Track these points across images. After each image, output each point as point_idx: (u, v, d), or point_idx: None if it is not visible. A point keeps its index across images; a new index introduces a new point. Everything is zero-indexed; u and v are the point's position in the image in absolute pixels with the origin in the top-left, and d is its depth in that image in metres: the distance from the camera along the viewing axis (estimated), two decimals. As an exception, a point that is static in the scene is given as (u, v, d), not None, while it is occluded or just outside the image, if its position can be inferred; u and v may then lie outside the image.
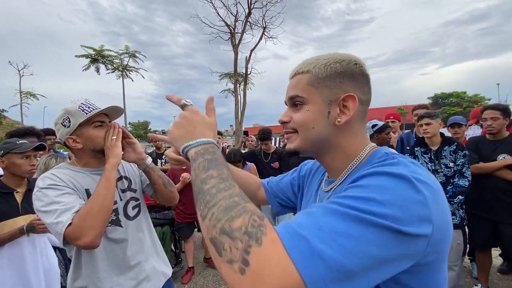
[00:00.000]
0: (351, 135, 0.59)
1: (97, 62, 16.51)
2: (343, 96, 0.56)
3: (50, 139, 3.14)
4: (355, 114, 0.57)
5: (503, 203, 2.22)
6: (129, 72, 17.88)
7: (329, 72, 0.57)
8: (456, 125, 2.93)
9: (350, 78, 0.57)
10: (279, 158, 3.21)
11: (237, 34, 9.56)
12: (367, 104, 0.61)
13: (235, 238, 0.38)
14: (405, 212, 0.40)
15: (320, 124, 0.58)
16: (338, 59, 0.58)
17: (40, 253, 1.61)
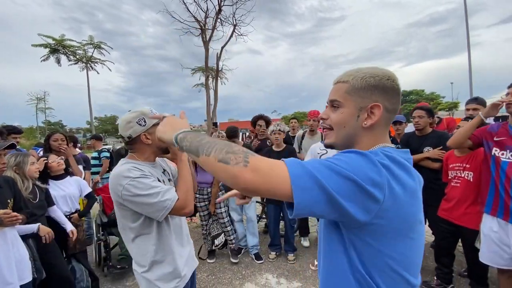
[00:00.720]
0: (373, 136, 0.75)
1: (58, 53, 15.34)
2: (372, 104, 0.72)
3: (16, 138, 3.11)
4: (379, 120, 0.73)
5: (430, 190, 2.67)
6: (94, 64, 16.96)
7: (364, 84, 0.73)
8: (398, 123, 3.38)
9: (381, 91, 0.73)
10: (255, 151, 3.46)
11: (207, 30, 9.55)
12: (394, 113, 0.76)
13: (236, 153, 0.61)
14: (362, 173, 0.59)
15: (350, 124, 0.75)
16: (373, 74, 0.73)
17: (12, 245, 1.70)
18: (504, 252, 1.88)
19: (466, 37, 17.44)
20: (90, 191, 2.83)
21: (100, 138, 4.99)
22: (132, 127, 1.28)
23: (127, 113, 1.31)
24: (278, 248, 3.37)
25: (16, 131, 3.03)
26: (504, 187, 1.86)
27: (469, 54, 17.86)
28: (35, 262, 1.96)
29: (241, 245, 3.51)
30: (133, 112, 1.30)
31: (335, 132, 0.78)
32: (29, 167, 2.16)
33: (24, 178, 2.14)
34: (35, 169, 2.20)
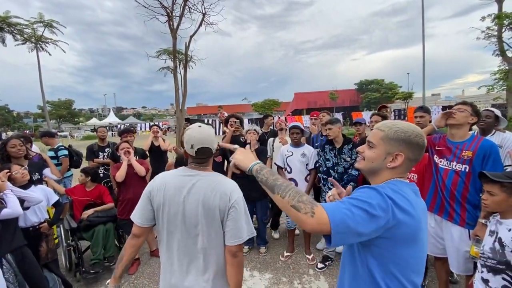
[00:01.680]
0: (392, 174, 0.98)
1: (2, 31, 13.25)
2: (397, 153, 0.95)
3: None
4: (400, 165, 0.96)
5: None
6: (45, 44, 15.16)
7: (396, 136, 0.96)
8: (358, 124, 3.71)
9: (408, 145, 0.95)
10: (222, 153, 3.56)
11: (175, 17, 9.01)
12: (415, 161, 0.98)
13: (305, 203, 0.83)
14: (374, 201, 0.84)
15: (377, 162, 0.99)
16: (405, 130, 0.96)
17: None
18: (439, 243, 2.28)
19: (422, 28, 18.72)
20: (57, 199, 2.74)
21: (53, 134, 4.58)
22: (216, 141, 1.39)
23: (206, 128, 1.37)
24: (251, 242, 3.60)
25: None
26: (441, 188, 2.23)
27: (424, 46, 19.20)
28: (16, 277, 1.94)
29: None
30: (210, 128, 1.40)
31: (365, 162, 1.03)
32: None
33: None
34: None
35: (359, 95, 41.20)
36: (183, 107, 9.73)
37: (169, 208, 1.30)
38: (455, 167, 2.12)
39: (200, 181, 1.31)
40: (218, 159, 3.52)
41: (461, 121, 2.10)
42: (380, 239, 0.88)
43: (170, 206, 1.30)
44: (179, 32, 9.42)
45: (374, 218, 0.83)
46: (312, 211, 0.82)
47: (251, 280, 2.97)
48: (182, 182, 1.31)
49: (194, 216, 1.28)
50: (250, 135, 3.41)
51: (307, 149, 3.29)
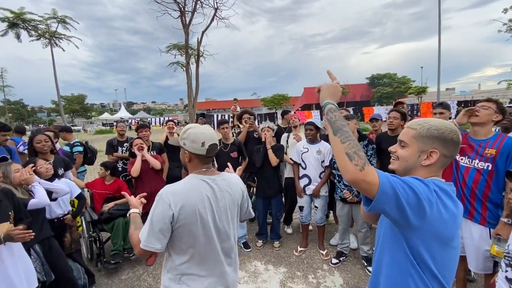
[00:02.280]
0: (428, 172, 0.98)
1: (17, 27, 13.65)
2: (431, 150, 0.95)
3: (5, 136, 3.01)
4: (435, 162, 0.96)
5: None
6: (58, 40, 15.47)
7: (429, 134, 0.96)
8: (374, 120, 3.66)
9: (442, 141, 0.95)
10: (238, 148, 3.60)
11: (187, 13, 8.99)
12: (450, 158, 0.98)
13: (361, 157, 0.84)
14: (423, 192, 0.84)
15: (411, 160, 0.99)
16: (438, 127, 0.96)
17: (18, 256, 1.76)
18: (457, 241, 2.26)
19: (438, 20, 18.02)
20: (80, 192, 2.85)
21: (70, 130, 4.75)
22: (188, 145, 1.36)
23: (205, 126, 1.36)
24: (265, 237, 3.65)
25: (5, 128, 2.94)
26: (461, 186, 2.20)
27: (439, 38, 18.52)
28: (43, 266, 2.05)
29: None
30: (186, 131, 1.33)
31: (399, 162, 1.04)
32: (13, 174, 2.13)
33: (16, 186, 2.14)
34: (19, 176, 2.16)
35: (370, 90, 40.46)
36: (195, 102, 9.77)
37: (202, 223, 1.24)
38: (477, 165, 2.09)
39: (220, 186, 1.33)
40: (234, 155, 3.56)
41: (484, 119, 2.05)
42: (419, 230, 0.88)
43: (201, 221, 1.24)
44: (191, 28, 9.41)
45: (420, 202, 0.83)
46: (363, 166, 0.83)
47: (266, 273, 3.02)
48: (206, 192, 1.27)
49: (226, 221, 1.33)
50: (265, 133, 3.43)
51: (323, 146, 3.29)
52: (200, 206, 1.23)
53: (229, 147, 3.57)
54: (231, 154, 3.53)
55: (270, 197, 3.48)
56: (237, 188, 1.40)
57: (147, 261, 3.31)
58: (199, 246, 1.26)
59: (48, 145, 2.86)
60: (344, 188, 3.00)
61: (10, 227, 1.67)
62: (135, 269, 3.21)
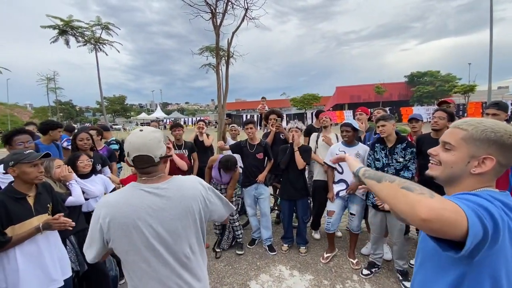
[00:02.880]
0: (478, 182, 0.82)
1: (66, 34, 15.09)
2: (485, 156, 0.79)
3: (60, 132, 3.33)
4: (489, 170, 0.79)
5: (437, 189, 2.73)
6: (102, 45, 16.79)
7: (483, 136, 0.79)
8: (414, 120, 3.35)
9: (499, 147, 0.78)
10: (264, 149, 3.54)
11: (218, 14, 9.13)
12: (505, 168, 0.81)
13: (421, 187, 0.71)
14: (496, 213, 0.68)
15: (458, 167, 0.83)
16: (495, 130, 0.79)
17: (54, 246, 1.88)
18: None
19: (490, 11, 16.18)
20: (113, 187, 2.98)
21: (108, 128, 5.04)
22: (162, 147, 1.21)
23: (149, 131, 1.20)
24: (291, 241, 3.54)
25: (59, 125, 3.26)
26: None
27: (491, 31, 16.60)
28: (77, 257, 2.17)
29: (255, 236, 3.70)
30: (156, 131, 1.22)
31: (442, 168, 0.88)
32: (55, 170, 2.28)
33: (55, 181, 2.29)
34: (60, 172, 2.30)
35: (409, 89, 37.88)
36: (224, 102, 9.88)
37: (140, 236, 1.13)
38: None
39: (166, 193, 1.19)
40: (259, 156, 3.50)
41: None
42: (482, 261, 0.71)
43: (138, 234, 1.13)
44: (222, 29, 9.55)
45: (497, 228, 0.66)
46: (430, 193, 0.68)
47: (291, 279, 2.91)
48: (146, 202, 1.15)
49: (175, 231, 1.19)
50: (292, 133, 3.31)
51: (362, 149, 3.07)
52: (136, 218, 1.12)
53: (255, 148, 3.52)
54: (257, 155, 3.48)
55: (295, 199, 3.36)
56: (191, 192, 1.24)
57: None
58: (144, 262, 1.15)
59: (89, 143, 3.05)
60: (378, 194, 2.78)
61: (49, 218, 1.79)
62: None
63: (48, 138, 3.37)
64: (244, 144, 3.58)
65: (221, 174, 3.34)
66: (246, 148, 3.53)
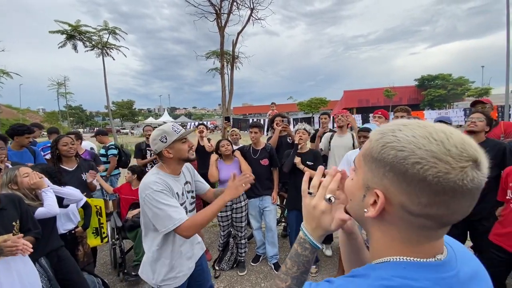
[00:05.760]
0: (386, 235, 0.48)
1: (74, 39, 15.20)
2: (376, 190, 0.46)
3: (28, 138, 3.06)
4: (388, 217, 0.46)
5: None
6: (109, 50, 16.81)
7: (380, 156, 0.45)
8: (443, 123, 2.96)
9: (398, 175, 0.43)
10: (269, 155, 3.19)
11: (223, 15, 8.98)
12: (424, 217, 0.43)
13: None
14: None
15: (356, 202, 0.52)
16: (401, 145, 0.42)
17: (17, 275, 1.56)
18: None
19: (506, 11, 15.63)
20: (85, 201, 2.59)
21: (106, 133, 4.88)
22: (156, 144, 1.55)
23: (155, 130, 1.59)
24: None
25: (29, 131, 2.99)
26: None
27: (508, 32, 15.96)
28: (50, 282, 1.86)
29: (259, 252, 3.34)
30: (157, 130, 1.57)
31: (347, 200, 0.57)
32: (21, 179, 1.95)
33: (25, 192, 1.97)
34: (28, 181, 1.95)
35: (420, 92, 36.96)
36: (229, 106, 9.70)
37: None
38: None
39: None
40: (264, 162, 3.15)
41: None
42: None
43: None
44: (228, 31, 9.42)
45: None
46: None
47: (300, 306, 2.54)
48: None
49: None
50: (300, 135, 2.95)
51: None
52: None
53: (259, 153, 3.18)
54: (261, 161, 3.13)
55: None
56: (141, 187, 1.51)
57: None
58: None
59: (74, 148, 2.76)
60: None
61: (8, 238, 1.48)
62: (156, 284, 2.97)
63: (16, 144, 3.07)
64: (248, 149, 3.25)
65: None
66: (250, 154, 3.20)
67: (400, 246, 0.47)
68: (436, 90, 33.85)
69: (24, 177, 1.91)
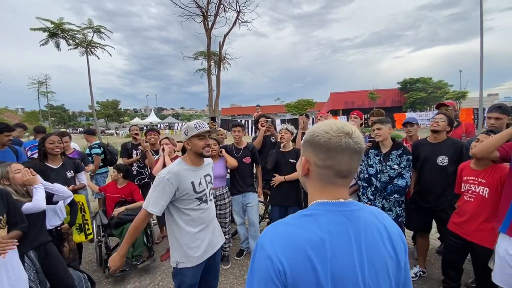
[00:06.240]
0: (312, 187, 0.77)
1: (57, 37, 14.71)
2: (303, 157, 0.77)
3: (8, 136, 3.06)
4: (308, 173, 0.76)
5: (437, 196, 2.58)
6: (94, 48, 16.49)
7: (305, 139, 0.78)
8: (409, 124, 3.19)
9: (311, 146, 0.74)
10: (251, 153, 3.35)
11: (210, 17, 9.07)
12: (329, 169, 0.71)
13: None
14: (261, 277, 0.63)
15: (298, 170, 0.81)
16: (312, 130, 0.76)
17: (5, 268, 1.63)
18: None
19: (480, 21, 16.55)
20: (72, 197, 2.63)
21: (93, 132, 4.93)
22: (182, 135, 1.85)
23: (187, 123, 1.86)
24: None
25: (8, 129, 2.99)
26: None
27: (482, 40, 16.90)
28: (37, 274, 1.92)
29: (243, 247, 3.48)
30: (186, 124, 1.84)
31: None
32: (13, 175, 2.02)
33: (16, 188, 2.04)
34: (20, 177, 2.03)
35: (402, 95, 38.27)
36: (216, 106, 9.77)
37: None
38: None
39: None
40: (247, 160, 3.30)
41: None
42: None
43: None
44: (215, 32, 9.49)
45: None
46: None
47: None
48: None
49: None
50: (282, 135, 3.13)
51: None
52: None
53: (241, 152, 3.32)
54: (243, 159, 3.28)
55: (286, 206, 3.16)
56: None
57: (161, 257, 3.41)
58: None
59: (60, 147, 2.81)
60: (368, 202, 2.62)
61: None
62: (142, 278, 3.04)
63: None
64: (230, 148, 3.39)
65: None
66: (232, 152, 3.34)
67: (317, 193, 0.76)
68: (418, 93, 35.14)
69: (16, 173, 1.97)
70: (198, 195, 1.81)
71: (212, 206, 1.98)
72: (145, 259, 3.13)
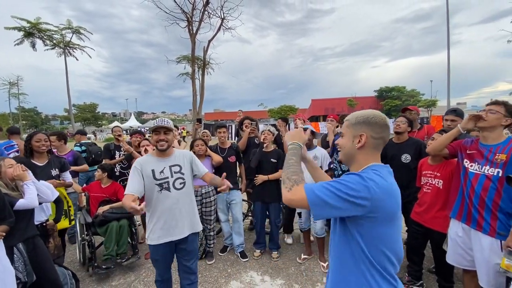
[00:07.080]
0: (365, 155, 1.08)
1: (33, 37, 14.11)
2: (360, 133, 1.07)
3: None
4: (367, 143, 1.06)
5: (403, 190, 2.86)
6: (72, 50, 16.01)
7: (356, 121, 1.10)
8: None
9: (367, 125, 1.07)
10: (235, 152, 3.53)
11: (194, 22, 9.24)
12: (380, 140, 1.07)
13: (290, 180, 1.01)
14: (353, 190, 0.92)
15: (348, 146, 1.12)
16: (365, 115, 1.08)
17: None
18: (467, 254, 2.08)
19: (447, 35, 18.03)
20: (57, 195, 2.72)
21: (85, 133, 5.19)
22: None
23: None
24: (263, 246, 3.50)
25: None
26: (469, 194, 2.05)
27: (449, 54, 18.44)
28: (26, 266, 1.97)
29: (226, 243, 3.61)
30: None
31: (341, 151, 1.17)
32: (5, 169, 2.08)
33: (6, 181, 2.09)
34: (12, 172, 2.09)
35: (379, 103, 40.06)
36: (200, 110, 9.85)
37: None
38: (487, 172, 1.94)
39: None
40: (231, 159, 3.47)
41: (492, 123, 1.93)
42: (365, 218, 0.95)
43: None
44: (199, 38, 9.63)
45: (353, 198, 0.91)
46: (290, 187, 0.99)
47: (262, 285, 2.86)
48: None
49: None
50: (264, 136, 3.35)
51: (319, 152, 3.21)
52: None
53: (226, 152, 3.50)
54: (228, 158, 3.45)
55: (267, 203, 3.36)
56: None
57: (145, 255, 3.45)
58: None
59: (47, 145, 2.83)
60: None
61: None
62: (126, 276, 3.09)
63: None
64: (215, 149, 3.54)
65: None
66: (217, 152, 3.50)
67: (372, 159, 1.08)
68: (393, 101, 36.91)
69: (8, 168, 2.02)
70: (158, 181, 2.02)
71: (180, 196, 2.10)
72: (129, 256, 3.19)
